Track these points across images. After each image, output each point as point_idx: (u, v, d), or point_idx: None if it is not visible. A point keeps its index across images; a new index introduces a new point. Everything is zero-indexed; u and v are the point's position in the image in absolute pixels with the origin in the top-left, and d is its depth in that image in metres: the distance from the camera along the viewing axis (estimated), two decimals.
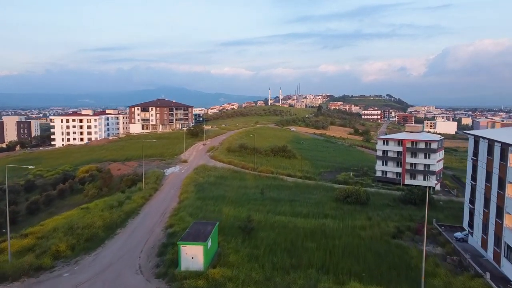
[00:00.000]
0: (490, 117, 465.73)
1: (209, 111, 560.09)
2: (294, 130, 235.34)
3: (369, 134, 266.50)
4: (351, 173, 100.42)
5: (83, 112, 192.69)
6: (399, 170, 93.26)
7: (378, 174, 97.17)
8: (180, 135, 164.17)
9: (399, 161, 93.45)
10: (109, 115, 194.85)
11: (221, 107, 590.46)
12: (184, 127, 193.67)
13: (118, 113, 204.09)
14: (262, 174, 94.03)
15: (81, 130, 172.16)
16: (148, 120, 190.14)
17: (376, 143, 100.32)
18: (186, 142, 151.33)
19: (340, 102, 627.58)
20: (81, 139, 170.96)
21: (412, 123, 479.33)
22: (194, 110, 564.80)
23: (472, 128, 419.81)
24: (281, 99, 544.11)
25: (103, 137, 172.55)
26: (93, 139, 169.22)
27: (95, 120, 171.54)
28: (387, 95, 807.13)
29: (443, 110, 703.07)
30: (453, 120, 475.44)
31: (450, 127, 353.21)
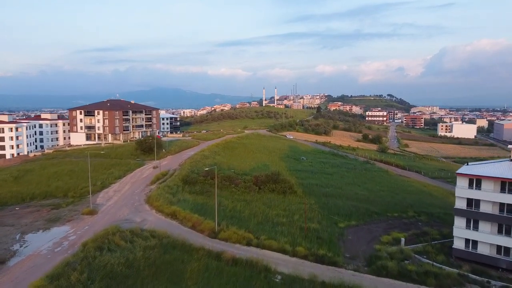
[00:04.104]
0: (502, 118, 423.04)
1: (199, 113, 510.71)
2: (291, 137, 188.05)
3: (381, 141, 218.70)
4: (402, 239, 52.40)
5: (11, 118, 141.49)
6: (506, 241, 45.47)
7: (458, 244, 49.30)
8: (127, 151, 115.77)
9: (506, 224, 45.69)
10: (43, 121, 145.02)
11: (211, 109, 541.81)
12: (146, 135, 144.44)
13: (57, 118, 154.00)
14: (227, 251, 45.57)
15: None
16: (94, 127, 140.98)
17: (456, 183, 51.40)
18: (131, 163, 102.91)
19: (339, 103, 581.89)
20: None
21: (422, 126, 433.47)
22: (184, 112, 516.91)
23: (491, 131, 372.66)
24: (277, 100, 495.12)
25: (25, 153, 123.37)
26: (8, 155, 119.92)
27: (10, 129, 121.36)
28: (388, 95, 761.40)
29: (448, 110, 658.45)
30: (462, 121, 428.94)
31: (469, 131, 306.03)
